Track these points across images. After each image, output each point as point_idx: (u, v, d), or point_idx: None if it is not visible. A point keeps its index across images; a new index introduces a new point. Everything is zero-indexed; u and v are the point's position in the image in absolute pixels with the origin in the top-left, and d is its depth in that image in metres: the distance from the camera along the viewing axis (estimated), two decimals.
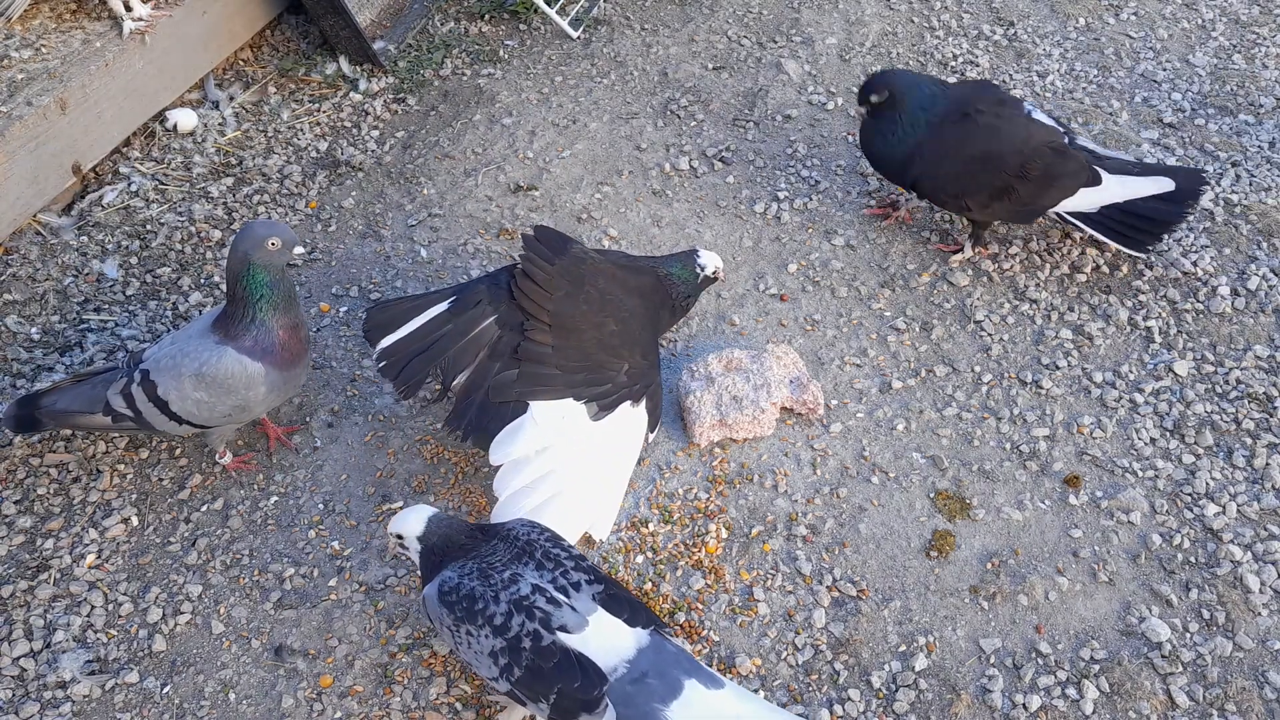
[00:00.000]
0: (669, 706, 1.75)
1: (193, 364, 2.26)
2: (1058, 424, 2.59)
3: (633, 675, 1.78)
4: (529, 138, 3.43)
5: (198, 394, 2.27)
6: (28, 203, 3.05)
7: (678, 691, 1.77)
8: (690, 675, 1.80)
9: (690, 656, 1.87)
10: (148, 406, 2.29)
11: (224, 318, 2.29)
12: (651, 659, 1.80)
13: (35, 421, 2.37)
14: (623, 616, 1.83)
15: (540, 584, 1.85)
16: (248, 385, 2.28)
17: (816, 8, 3.95)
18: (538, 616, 1.81)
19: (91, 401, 2.34)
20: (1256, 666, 2.15)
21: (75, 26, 3.26)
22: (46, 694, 2.15)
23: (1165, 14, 3.92)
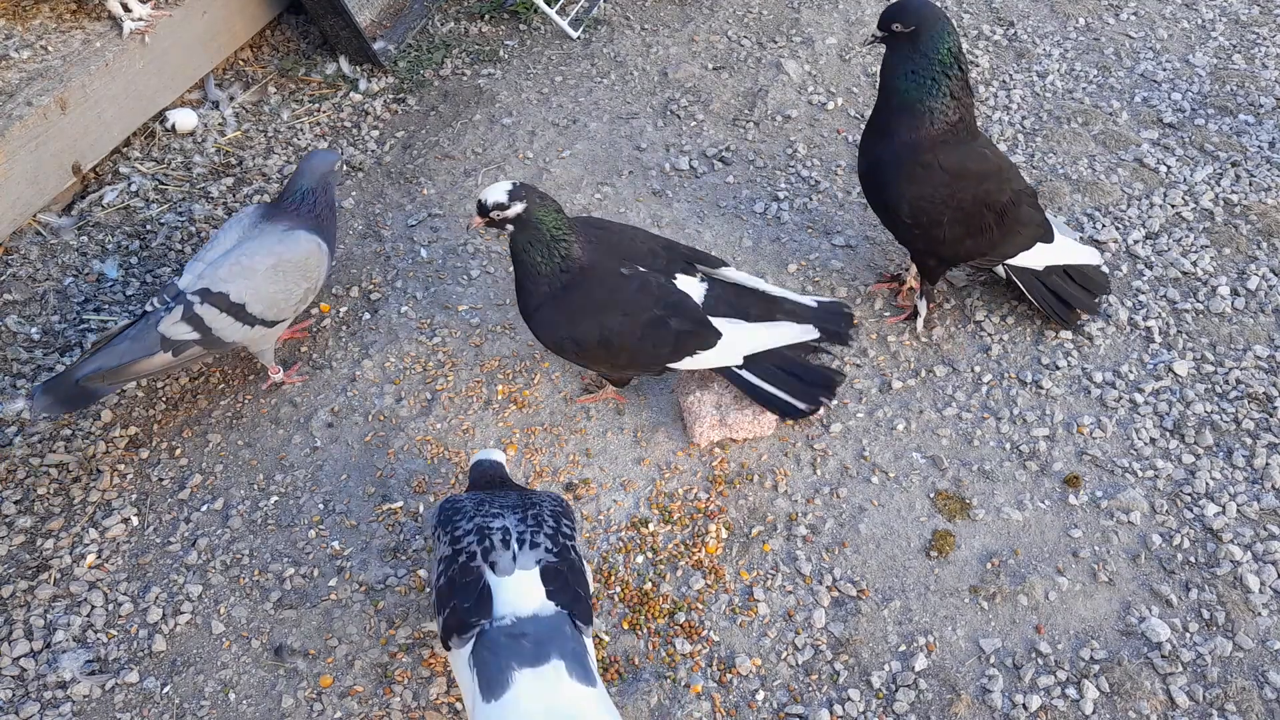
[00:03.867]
0: (520, 670, 1.75)
1: (268, 256, 2.41)
2: (1058, 424, 2.59)
3: (513, 630, 1.80)
4: (529, 138, 3.43)
5: (275, 285, 2.41)
6: (28, 203, 3.05)
7: (539, 663, 1.76)
8: (564, 659, 1.78)
9: (583, 650, 1.83)
10: (221, 319, 2.37)
11: (279, 210, 2.49)
12: (540, 627, 1.81)
13: (84, 394, 2.35)
14: (550, 587, 1.86)
15: (509, 528, 1.93)
16: (317, 265, 2.49)
17: (816, 8, 3.95)
18: (483, 545, 1.90)
19: (144, 347, 2.35)
20: (1256, 666, 2.15)
21: (75, 26, 3.26)
22: (46, 694, 2.15)
23: (1165, 14, 3.92)
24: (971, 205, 2.52)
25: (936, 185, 2.48)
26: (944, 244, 2.59)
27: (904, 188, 2.50)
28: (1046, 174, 3.26)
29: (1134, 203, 3.15)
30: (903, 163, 2.48)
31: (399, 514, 2.43)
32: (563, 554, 1.93)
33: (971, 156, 2.50)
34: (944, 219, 2.52)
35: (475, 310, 2.88)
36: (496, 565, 1.87)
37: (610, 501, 2.44)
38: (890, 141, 2.50)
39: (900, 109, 2.46)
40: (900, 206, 2.53)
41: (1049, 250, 2.69)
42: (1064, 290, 2.74)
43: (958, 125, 2.46)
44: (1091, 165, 3.28)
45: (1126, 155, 3.31)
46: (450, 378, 2.71)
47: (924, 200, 2.50)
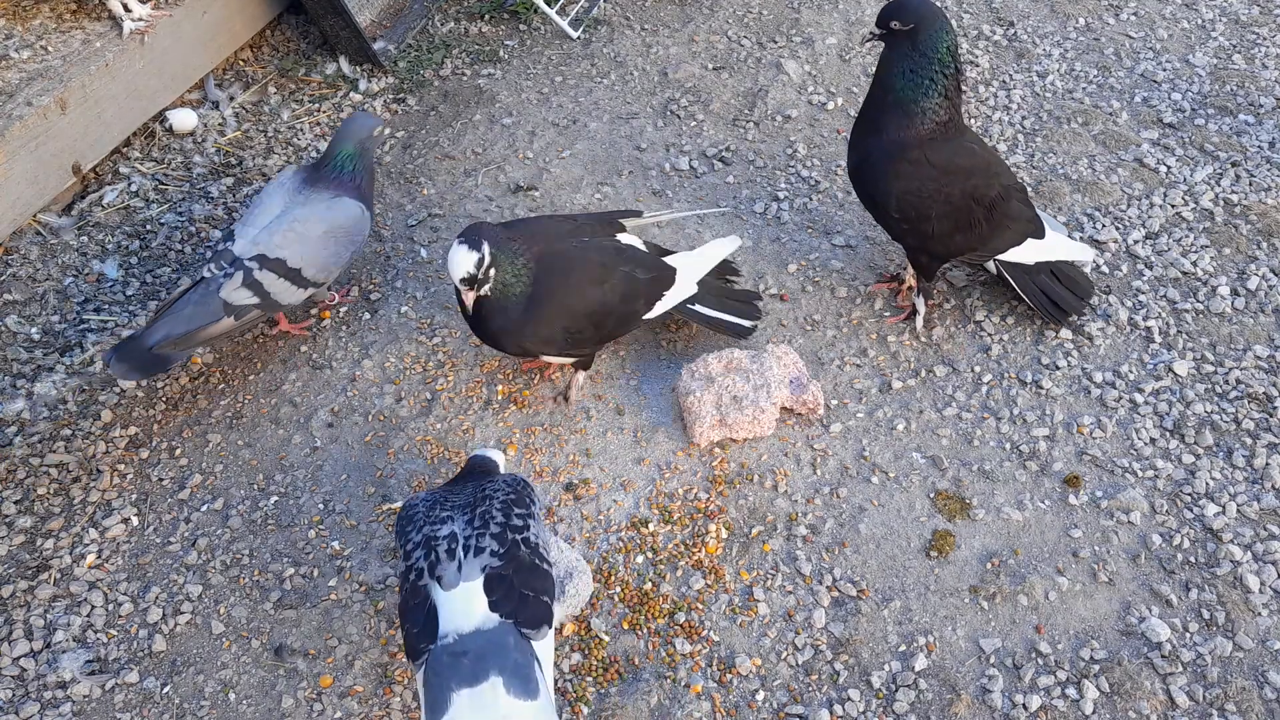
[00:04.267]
0: (459, 691, 1.76)
1: (321, 223, 2.54)
2: (1058, 424, 2.59)
3: (455, 649, 1.81)
4: (529, 138, 3.43)
5: (327, 250, 2.55)
6: (28, 203, 3.05)
7: (476, 682, 1.77)
8: (502, 675, 1.78)
9: (526, 660, 1.81)
10: (279, 283, 2.51)
11: (325, 178, 2.59)
12: (482, 643, 1.81)
13: (158, 360, 2.46)
14: (493, 597, 1.86)
15: (456, 534, 1.94)
16: (360, 230, 2.63)
17: (816, 8, 3.95)
18: (429, 559, 1.91)
19: (208, 313, 2.47)
20: (1256, 666, 2.15)
21: (75, 26, 3.26)
22: (46, 694, 2.15)
23: (1165, 14, 3.92)
24: (960, 200, 2.53)
25: (924, 180, 2.49)
26: (933, 239, 2.59)
27: (892, 183, 2.51)
28: (1046, 174, 3.26)
29: (1134, 203, 3.15)
30: (891, 159, 2.49)
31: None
32: (510, 553, 1.91)
33: (959, 152, 2.51)
34: (932, 214, 2.53)
35: None
36: (442, 580, 1.87)
37: (610, 501, 2.44)
38: (879, 138, 2.51)
39: (893, 106, 2.47)
40: (888, 202, 2.54)
41: (1040, 246, 2.70)
42: (1052, 290, 2.75)
43: (947, 125, 2.48)
44: (1091, 165, 3.28)
45: (1126, 155, 3.31)
46: (450, 378, 2.71)
47: (911, 195, 2.51)
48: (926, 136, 2.46)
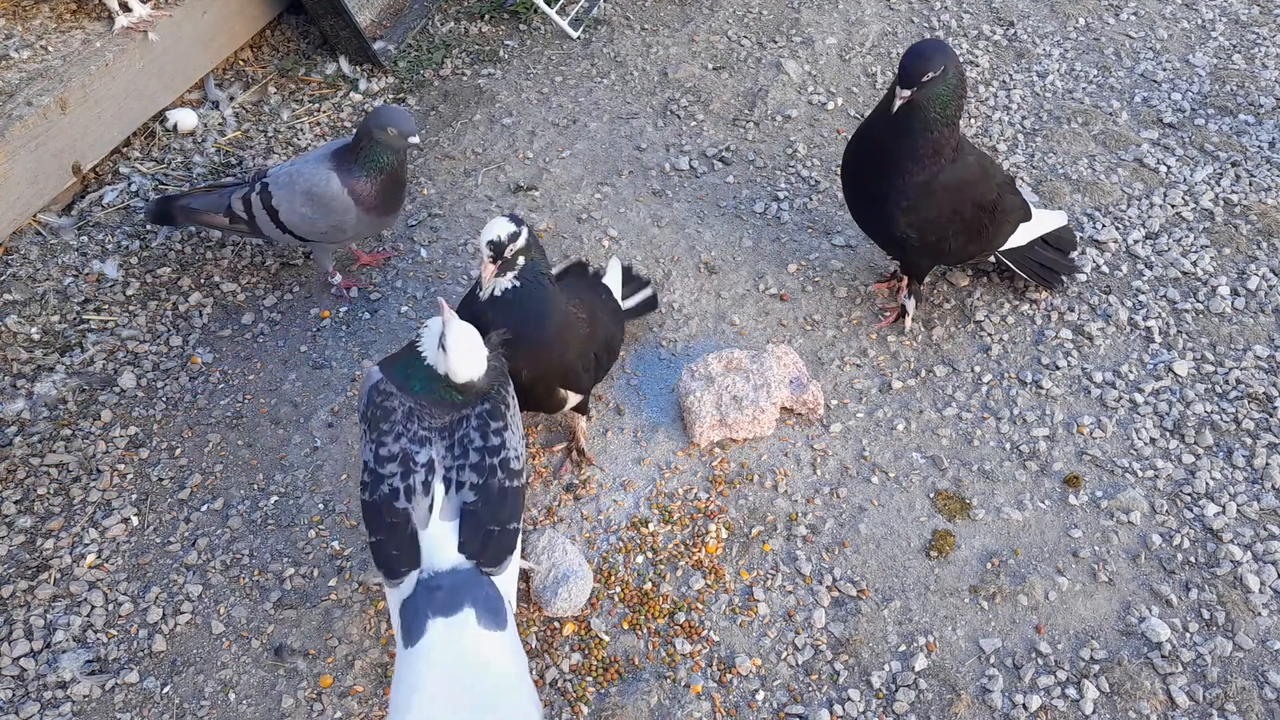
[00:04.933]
0: (434, 619, 1.86)
1: (305, 183, 2.68)
2: (1058, 424, 2.59)
3: (431, 583, 1.90)
4: (529, 138, 3.43)
5: (304, 209, 2.69)
6: (28, 203, 3.05)
7: (452, 612, 1.87)
8: (474, 606, 1.87)
9: (494, 595, 1.91)
10: (261, 213, 2.72)
11: (342, 155, 2.69)
12: (454, 580, 1.91)
13: (170, 216, 2.84)
14: (461, 538, 1.92)
15: (435, 463, 1.96)
16: (343, 211, 2.69)
17: (816, 8, 3.95)
18: (406, 483, 1.94)
19: (216, 204, 2.78)
20: (1256, 666, 2.15)
21: (75, 26, 3.26)
22: (46, 694, 2.15)
23: (1165, 14, 3.92)
24: (971, 213, 2.55)
25: (942, 207, 2.49)
26: (949, 254, 2.63)
27: (912, 218, 2.50)
28: (1046, 174, 3.26)
29: (1134, 203, 3.15)
30: (911, 196, 2.46)
31: None
32: (485, 483, 1.94)
33: (965, 168, 2.50)
34: (949, 233, 2.55)
35: None
36: (414, 514, 1.92)
37: (610, 501, 2.44)
38: (901, 180, 2.46)
39: (926, 145, 2.41)
40: (909, 235, 2.54)
41: (1030, 227, 2.74)
42: (1045, 258, 2.82)
43: (957, 146, 2.46)
44: (1091, 165, 3.28)
45: (1126, 155, 3.31)
46: None
47: (931, 223, 2.52)
48: (944, 165, 2.45)
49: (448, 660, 1.84)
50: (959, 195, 2.50)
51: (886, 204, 2.50)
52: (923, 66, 2.31)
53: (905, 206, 2.48)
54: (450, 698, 1.82)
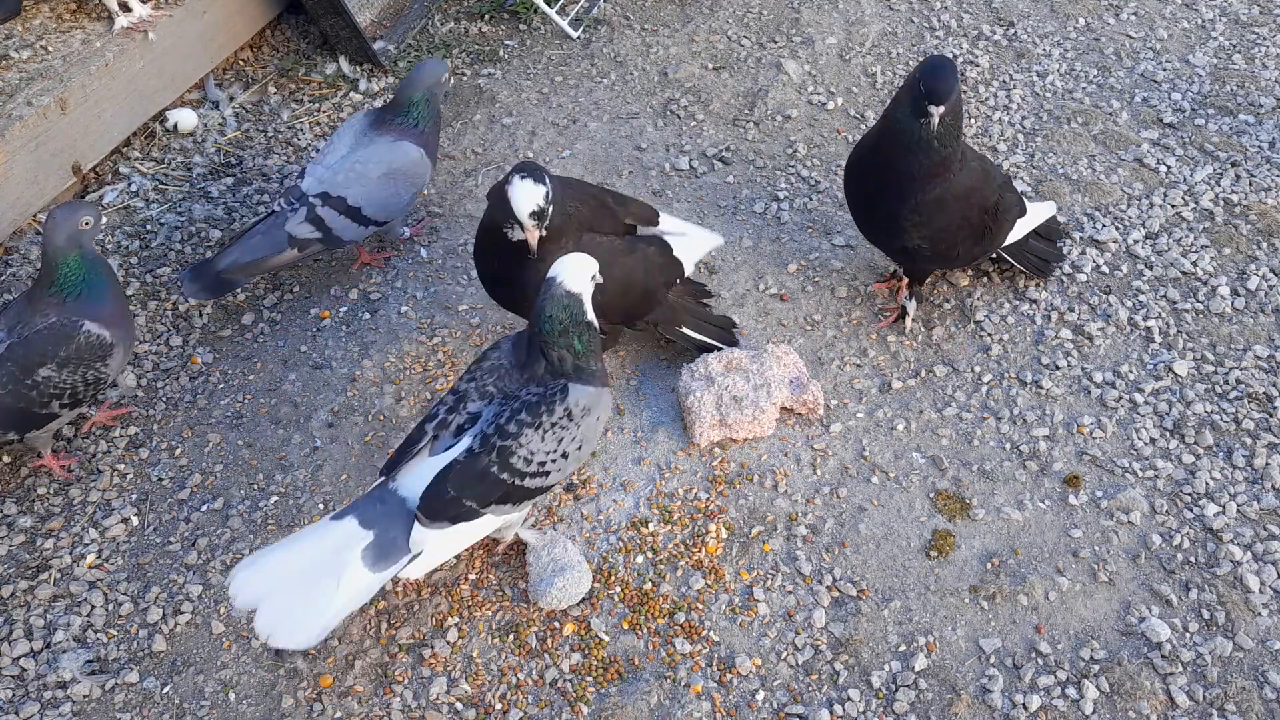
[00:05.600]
0: (348, 519, 2.02)
1: (380, 165, 2.68)
2: (1058, 424, 2.59)
3: (384, 496, 2.05)
4: (529, 138, 3.43)
5: (388, 190, 2.69)
6: (28, 203, 3.05)
7: (363, 525, 2.02)
8: (374, 536, 2.01)
9: (400, 544, 2.02)
10: (340, 220, 2.67)
11: (389, 124, 2.72)
12: (393, 510, 2.04)
13: (225, 283, 2.68)
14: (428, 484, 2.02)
15: (477, 418, 2.06)
16: (423, 172, 2.76)
17: (816, 8, 3.95)
18: (444, 417, 2.07)
19: (273, 244, 2.66)
20: (1256, 666, 2.15)
21: (75, 26, 3.26)
22: (46, 694, 2.15)
23: (1165, 14, 3.92)
24: (977, 218, 2.57)
25: (952, 215, 2.51)
26: (958, 259, 2.66)
27: (925, 231, 2.51)
28: (1046, 174, 3.26)
29: (1134, 203, 3.15)
30: (924, 209, 2.48)
31: None
32: (479, 453, 2.01)
33: (969, 174, 2.52)
34: (958, 239, 2.57)
35: (475, 310, 2.88)
36: (433, 447, 2.05)
37: (610, 502, 2.44)
38: (913, 196, 2.46)
39: (936, 165, 2.42)
40: (922, 246, 2.55)
41: (1026, 221, 2.78)
42: (1037, 249, 2.87)
43: (962, 155, 2.48)
44: (1091, 165, 3.28)
45: (1126, 155, 3.31)
46: (450, 378, 2.71)
47: (941, 231, 2.53)
48: (951, 176, 2.47)
49: (317, 551, 1.99)
50: (967, 202, 2.52)
51: (899, 220, 2.51)
52: (952, 83, 2.31)
53: (918, 221, 2.50)
54: (287, 573, 1.97)
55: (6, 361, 2.26)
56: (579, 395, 2.08)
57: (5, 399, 2.27)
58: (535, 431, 2.03)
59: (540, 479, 2.08)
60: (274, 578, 1.97)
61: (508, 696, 2.12)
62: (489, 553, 2.33)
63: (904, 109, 2.38)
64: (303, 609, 1.95)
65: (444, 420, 2.06)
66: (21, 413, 2.30)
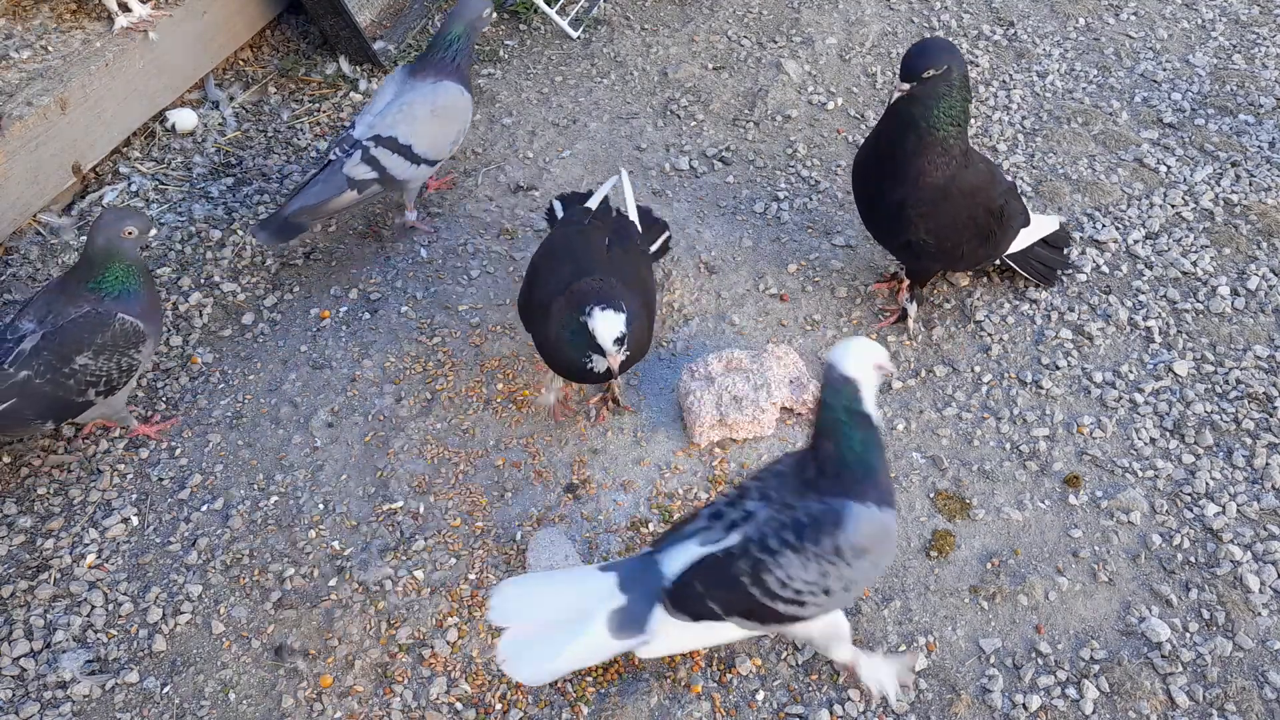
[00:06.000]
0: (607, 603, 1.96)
1: (426, 105, 2.84)
2: (1058, 424, 2.59)
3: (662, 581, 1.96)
4: (529, 138, 3.43)
5: (437, 128, 2.86)
6: (28, 203, 3.05)
7: (621, 602, 1.95)
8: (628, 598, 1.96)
9: (640, 618, 1.95)
10: (393, 158, 2.82)
11: (431, 66, 2.87)
12: (646, 585, 1.98)
13: (292, 227, 2.81)
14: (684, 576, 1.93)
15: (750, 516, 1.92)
16: (467, 109, 2.94)
17: (816, 8, 3.95)
18: (722, 505, 1.96)
19: (334, 188, 2.80)
20: (1256, 666, 2.15)
21: (75, 26, 3.26)
22: (46, 694, 2.15)
23: (1165, 14, 3.92)
24: (984, 219, 2.57)
25: (958, 212, 2.51)
26: (962, 259, 2.65)
27: (930, 224, 2.51)
28: (1046, 174, 3.26)
29: (1134, 203, 3.15)
30: (928, 202, 2.48)
31: (399, 514, 2.43)
32: (729, 556, 1.88)
33: (975, 173, 2.53)
34: (963, 238, 2.57)
35: (475, 310, 2.88)
36: (704, 534, 1.94)
37: (610, 502, 2.44)
38: (915, 186, 2.47)
39: (932, 147, 2.42)
40: (927, 242, 2.55)
41: (1029, 232, 2.78)
42: (1043, 256, 2.86)
43: (967, 151, 2.49)
44: (1091, 165, 3.28)
45: (1126, 155, 3.31)
46: (450, 378, 2.71)
47: (948, 228, 2.53)
48: (957, 169, 2.46)
49: (575, 596, 1.98)
50: (974, 200, 2.52)
51: (904, 209, 2.51)
52: (924, 62, 2.34)
53: (923, 212, 2.49)
54: (542, 605, 2.00)
55: (43, 351, 2.30)
56: (857, 529, 1.83)
57: (44, 387, 2.30)
58: (797, 556, 1.83)
59: (794, 607, 1.87)
60: (530, 606, 1.99)
61: (508, 696, 2.12)
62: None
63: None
64: (540, 648, 1.93)
65: (719, 511, 1.93)
66: (59, 401, 2.34)
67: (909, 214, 2.51)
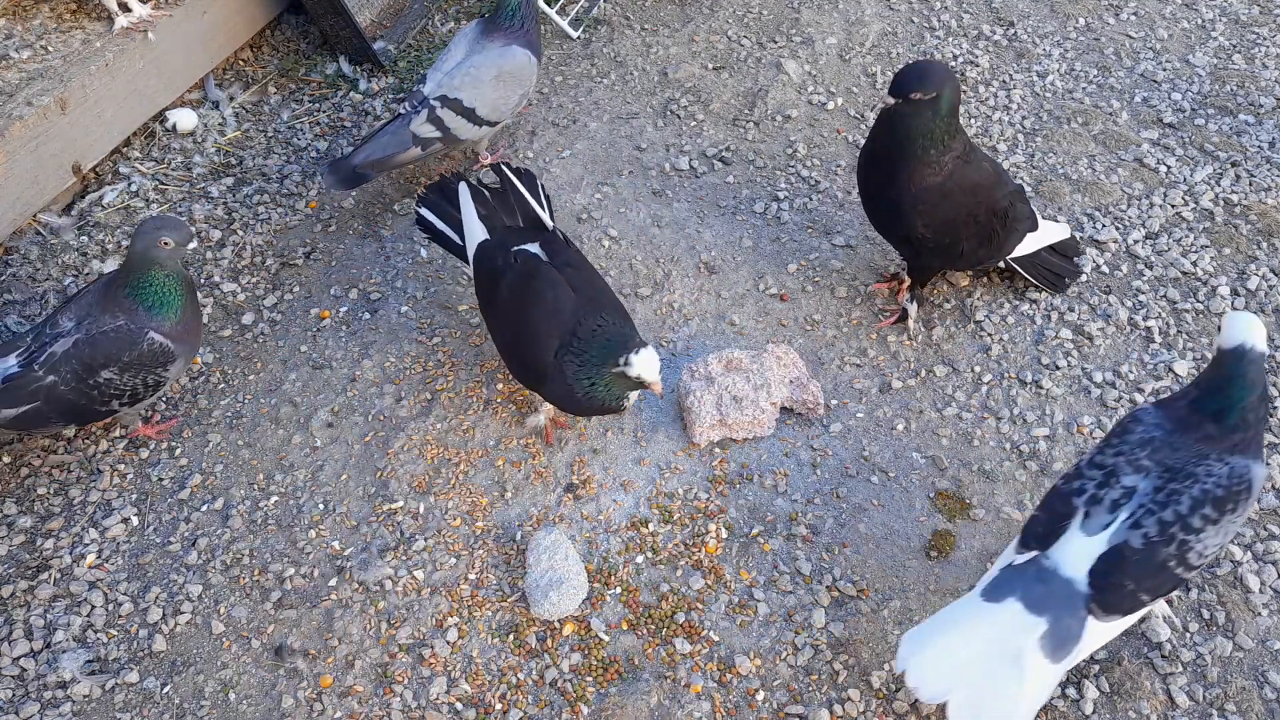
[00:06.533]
0: (1015, 601, 1.92)
1: (492, 69, 2.96)
2: (1058, 424, 2.59)
3: (1042, 574, 1.94)
4: (529, 137, 3.43)
5: (500, 92, 2.97)
6: (28, 203, 3.05)
7: (1033, 611, 1.91)
8: (1049, 624, 1.90)
9: (1075, 632, 1.91)
10: (457, 120, 2.94)
11: (498, 30, 2.97)
12: (1059, 590, 1.93)
13: (358, 176, 2.94)
14: (1099, 567, 1.90)
15: (1132, 493, 1.93)
16: (531, 72, 3.05)
17: (816, 8, 3.95)
18: (1094, 493, 1.95)
19: (400, 143, 2.93)
20: (1256, 666, 2.15)
21: (75, 26, 3.26)
22: (46, 694, 2.15)
23: (1165, 14, 3.91)
24: (985, 217, 2.58)
25: (957, 208, 2.53)
26: (962, 258, 2.65)
27: (927, 219, 2.53)
28: (1046, 174, 3.26)
29: (1134, 203, 3.15)
30: (923, 201, 2.51)
31: (399, 514, 2.43)
32: (1156, 542, 1.87)
33: (978, 171, 2.54)
34: (962, 235, 2.58)
35: (475, 310, 2.88)
36: (1085, 523, 1.92)
37: (610, 502, 2.44)
38: (908, 188, 2.51)
39: (917, 158, 2.47)
40: (925, 237, 2.56)
41: (1036, 237, 2.78)
42: (1051, 264, 2.86)
43: (965, 152, 2.52)
44: (1091, 165, 3.28)
45: (1126, 155, 3.31)
46: (450, 378, 2.71)
47: (946, 223, 2.54)
48: (951, 170, 2.50)
49: (993, 638, 1.89)
50: (974, 198, 2.54)
51: (900, 205, 2.54)
52: (914, 84, 2.39)
53: (921, 209, 2.52)
54: (962, 662, 1.89)
55: (72, 359, 2.31)
56: (1257, 488, 1.93)
57: (68, 394, 2.32)
58: (1215, 527, 1.89)
59: (1195, 573, 1.98)
60: (952, 667, 1.90)
61: (508, 696, 2.12)
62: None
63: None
64: (994, 708, 1.87)
65: (1095, 496, 1.93)
66: (82, 408, 2.36)
67: (907, 209, 2.53)
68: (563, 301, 2.30)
